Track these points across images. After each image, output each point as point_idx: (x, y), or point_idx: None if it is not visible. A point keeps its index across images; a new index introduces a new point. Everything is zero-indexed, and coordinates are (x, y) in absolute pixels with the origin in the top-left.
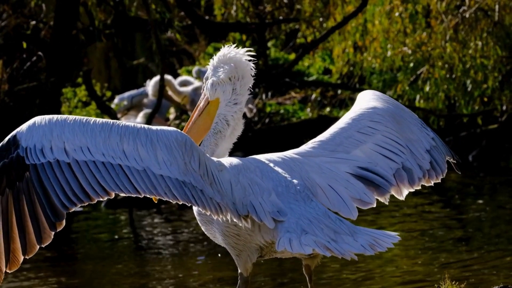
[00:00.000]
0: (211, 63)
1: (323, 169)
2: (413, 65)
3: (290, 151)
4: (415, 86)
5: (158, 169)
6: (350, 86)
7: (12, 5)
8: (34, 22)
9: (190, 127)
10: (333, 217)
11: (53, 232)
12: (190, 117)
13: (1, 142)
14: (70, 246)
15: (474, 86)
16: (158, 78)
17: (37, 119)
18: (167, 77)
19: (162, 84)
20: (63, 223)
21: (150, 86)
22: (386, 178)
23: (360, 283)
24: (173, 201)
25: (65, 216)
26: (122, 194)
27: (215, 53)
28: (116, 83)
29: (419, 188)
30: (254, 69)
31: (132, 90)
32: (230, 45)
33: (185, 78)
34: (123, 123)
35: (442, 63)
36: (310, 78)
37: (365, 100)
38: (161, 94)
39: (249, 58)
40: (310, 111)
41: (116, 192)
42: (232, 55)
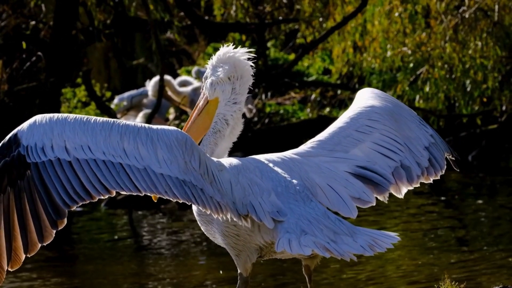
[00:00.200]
0: (210, 63)
1: (322, 169)
2: (412, 65)
3: (289, 151)
4: (415, 87)
5: (158, 167)
6: (350, 86)
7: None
8: (33, 22)
9: (189, 126)
10: (332, 217)
11: (54, 230)
12: (190, 116)
13: (1, 142)
14: (71, 247)
15: (474, 86)
16: (157, 78)
17: (37, 118)
18: (167, 77)
19: (161, 84)
20: (65, 221)
21: (150, 86)
22: (384, 177)
23: (360, 283)
24: (173, 199)
25: (66, 214)
26: (123, 192)
27: (215, 53)
28: (115, 83)
29: (418, 185)
30: (254, 68)
31: (131, 90)
32: (229, 44)
33: (184, 78)
34: (124, 122)
35: (442, 63)
36: (310, 78)
37: (363, 98)
38: (160, 94)
39: (248, 58)
40: (309, 111)
41: (117, 190)
42: (231, 55)
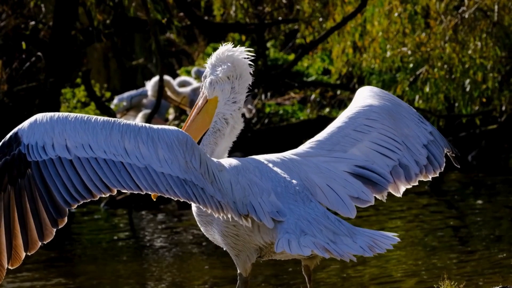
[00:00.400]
0: (210, 62)
1: (321, 169)
2: (412, 65)
3: (288, 152)
4: (415, 87)
5: (159, 166)
6: (349, 86)
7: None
8: (33, 23)
9: (188, 126)
10: (332, 218)
11: (55, 228)
12: (189, 115)
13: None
14: (71, 247)
15: (474, 87)
16: (157, 79)
17: (38, 117)
18: (166, 77)
19: (161, 84)
20: (65, 220)
21: (149, 86)
22: (383, 176)
23: (360, 283)
24: (174, 198)
25: (67, 212)
26: (124, 191)
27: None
28: (115, 84)
29: (417, 184)
30: (253, 68)
31: (131, 90)
32: (228, 43)
33: (184, 78)
34: (124, 121)
35: (442, 64)
36: (309, 79)
37: (362, 97)
38: (160, 94)
39: (247, 57)
40: (309, 112)
41: (118, 188)
42: (230, 54)
